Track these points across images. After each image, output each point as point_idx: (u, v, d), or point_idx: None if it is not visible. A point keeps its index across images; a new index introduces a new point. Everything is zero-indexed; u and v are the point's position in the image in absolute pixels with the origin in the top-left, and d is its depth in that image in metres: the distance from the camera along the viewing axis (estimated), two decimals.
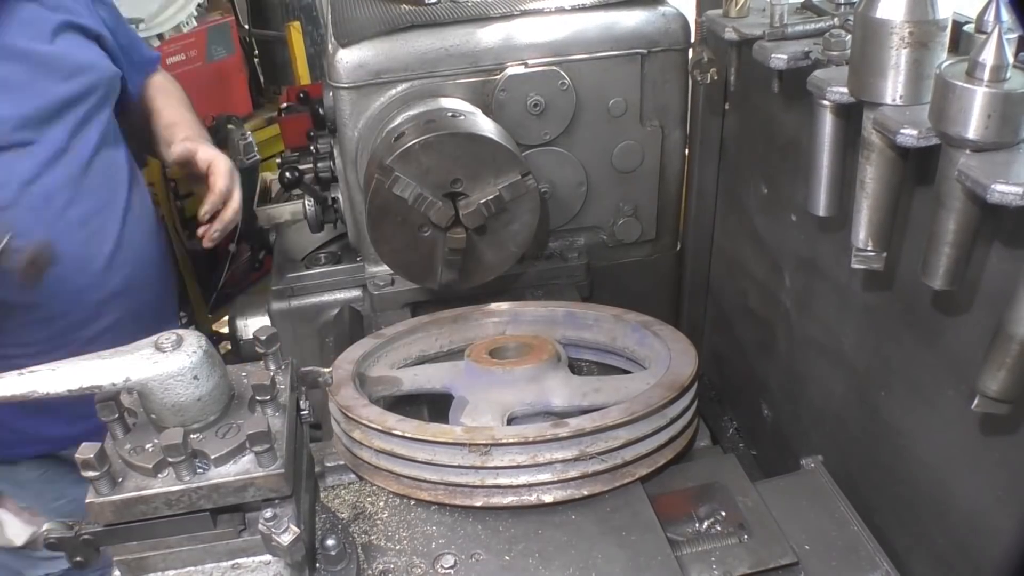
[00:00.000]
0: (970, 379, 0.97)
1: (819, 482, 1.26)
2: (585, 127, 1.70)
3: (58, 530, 1.00)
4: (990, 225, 0.94)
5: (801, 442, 1.58)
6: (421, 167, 1.48)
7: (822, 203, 1.23)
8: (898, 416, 1.27)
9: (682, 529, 1.21)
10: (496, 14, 1.65)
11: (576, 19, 1.64)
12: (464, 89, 1.64)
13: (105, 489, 0.95)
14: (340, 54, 1.60)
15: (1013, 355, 0.89)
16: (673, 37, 1.67)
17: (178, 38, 3.50)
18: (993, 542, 1.07)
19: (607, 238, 1.85)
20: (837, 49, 1.16)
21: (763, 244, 1.66)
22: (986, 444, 1.06)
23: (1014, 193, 0.81)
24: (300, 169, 2.20)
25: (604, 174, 1.76)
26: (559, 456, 1.17)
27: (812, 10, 1.37)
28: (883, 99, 1.00)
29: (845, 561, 1.12)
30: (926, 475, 1.20)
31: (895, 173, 1.06)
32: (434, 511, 1.19)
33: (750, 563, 1.10)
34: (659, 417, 1.24)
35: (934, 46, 0.96)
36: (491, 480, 1.17)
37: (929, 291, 1.03)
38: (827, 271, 1.42)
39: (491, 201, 1.52)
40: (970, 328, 1.07)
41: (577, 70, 1.64)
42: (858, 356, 1.37)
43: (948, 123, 0.87)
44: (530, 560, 1.10)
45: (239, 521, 1.03)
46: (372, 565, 1.11)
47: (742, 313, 1.82)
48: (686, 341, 1.43)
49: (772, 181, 1.60)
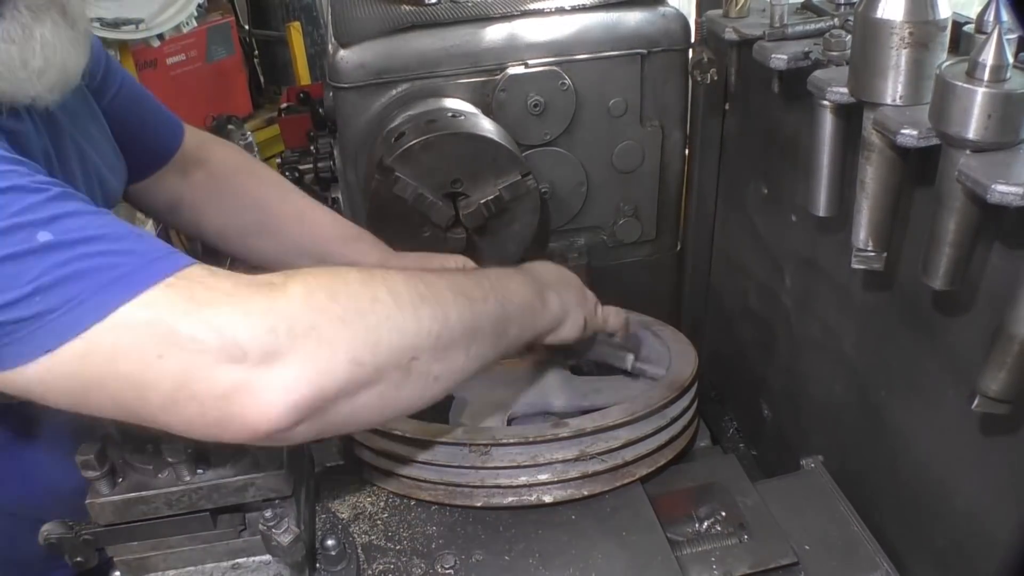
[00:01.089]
0: (970, 379, 0.97)
1: (819, 482, 1.26)
2: (585, 127, 1.70)
3: (58, 530, 1.00)
4: (990, 225, 0.94)
5: (801, 442, 1.58)
6: (421, 167, 1.48)
7: (822, 203, 1.23)
8: (898, 416, 1.27)
9: (682, 529, 1.21)
10: (496, 14, 1.65)
11: (576, 19, 1.64)
12: (464, 89, 1.64)
13: (105, 489, 0.95)
14: (340, 54, 1.60)
15: (1014, 355, 0.89)
16: (673, 37, 1.67)
17: (178, 38, 3.51)
18: (993, 542, 1.07)
19: (607, 238, 1.85)
20: (837, 49, 1.16)
21: (763, 244, 1.66)
22: (986, 444, 1.06)
23: (1014, 193, 0.81)
24: (300, 169, 2.21)
25: (604, 174, 1.76)
26: (559, 456, 1.17)
27: (812, 10, 1.37)
28: (883, 99, 1.00)
29: (845, 561, 1.12)
30: (926, 475, 1.20)
31: (895, 173, 1.06)
32: (434, 511, 1.19)
33: (750, 563, 1.10)
34: (659, 417, 1.24)
35: (934, 46, 0.96)
36: (491, 480, 1.17)
37: (929, 291, 1.03)
38: (827, 271, 1.42)
39: (491, 201, 1.52)
40: (970, 328, 1.07)
41: (577, 70, 1.64)
42: (858, 356, 1.37)
43: (948, 123, 0.87)
44: (530, 560, 1.10)
45: (239, 521, 1.03)
46: (372, 565, 1.11)
47: (742, 313, 1.82)
48: (686, 341, 1.43)
49: (772, 181, 1.60)
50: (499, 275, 1.11)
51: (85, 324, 0.78)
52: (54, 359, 0.79)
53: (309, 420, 0.84)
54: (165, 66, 3.50)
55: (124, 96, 1.36)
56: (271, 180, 1.55)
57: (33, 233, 0.78)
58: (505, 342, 1.07)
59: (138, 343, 0.79)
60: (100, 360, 0.79)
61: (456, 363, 0.97)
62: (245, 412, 0.81)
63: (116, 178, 1.30)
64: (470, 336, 0.98)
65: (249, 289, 0.83)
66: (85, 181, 1.20)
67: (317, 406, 0.84)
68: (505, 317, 1.05)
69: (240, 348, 0.80)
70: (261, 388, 0.81)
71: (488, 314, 1.02)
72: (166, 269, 0.81)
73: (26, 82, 0.92)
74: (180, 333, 0.79)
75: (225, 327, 0.80)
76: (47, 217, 0.80)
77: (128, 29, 3.19)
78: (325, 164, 2.12)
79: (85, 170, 1.20)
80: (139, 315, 0.79)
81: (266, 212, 1.49)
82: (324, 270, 0.89)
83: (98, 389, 0.81)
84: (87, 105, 1.25)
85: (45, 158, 1.08)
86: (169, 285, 0.80)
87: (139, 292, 0.79)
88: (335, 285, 0.87)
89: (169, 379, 0.80)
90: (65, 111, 1.17)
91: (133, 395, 0.81)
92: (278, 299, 0.83)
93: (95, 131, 1.26)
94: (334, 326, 0.84)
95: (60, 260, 0.78)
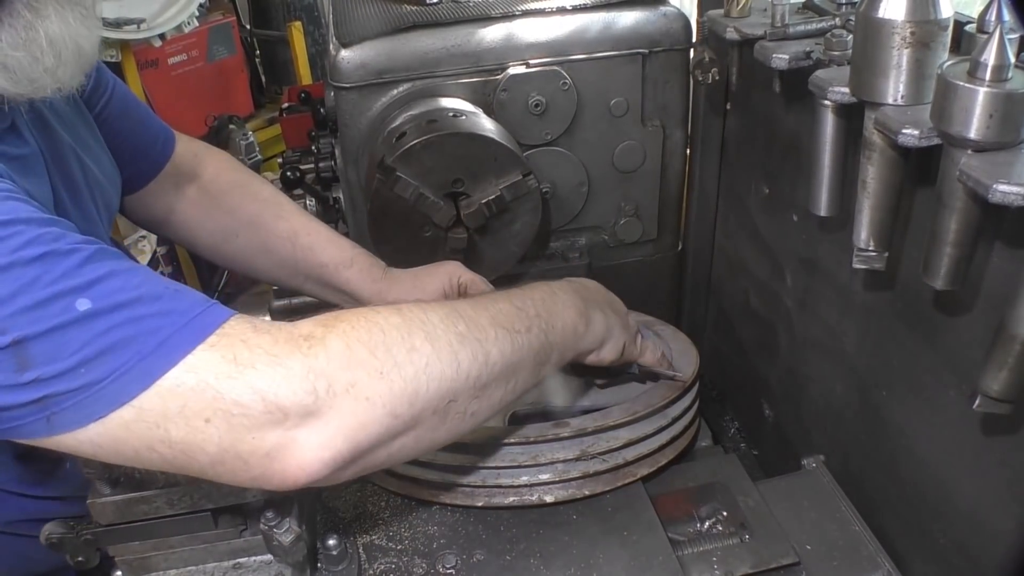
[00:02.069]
0: (971, 379, 0.97)
1: (820, 482, 1.26)
2: (586, 127, 1.70)
3: (59, 530, 1.00)
4: (992, 225, 0.94)
5: (802, 442, 1.58)
6: (422, 167, 1.48)
7: (823, 203, 1.23)
8: (899, 416, 1.27)
9: (683, 529, 1.21)
10: (497, 14, 1.65)
11: (577, 19, 1.64)
12: (465, 89, 1.64)
13: (106, 489, 0.95)
14: (342, 54, 1.60)
15: (1015, 355, 0.89)
16: (674, 37, 1.67)
17: (179, 38, 3.50)
18: (995, 541, 1.07)
19: (608, 238, 1.85)
20: (838, 49, 1.16)
21: (764, 244, 1.66)
22: (987, 444, 1.06)
23: (1016, 193, 0.81)
24: (301, 169, 2.21)
25: (605, 174, 1.76)
26: (560, 456, 1.17)
27: (814, 10, 1.37)
28: (884, 99, 1.00)
29: (846, 561, 1.12)
30: (927, 475, 1.20)
31: (896, 173, 1.06)
32: (435, 511, 1.19)
33: (751, 563, 1.10)
34: (660, 417, 1.24)
35: (936, 46, 0.96)
36: (492, 480, 1.17)
37: (930, 291, 1.03)
38: (828, 271, 1.42)
39: (492, 201, 1.52)
40: (972, 328, 1.06)
41: (578, 70, 1.64)
42: (859, 356, 1.37)
43: (950, 123, 0.87)
44: (531, 560, 1.10)
45: (240, 521, 1.03)
46: (373, 565, 1.11)
47: (743, 313, 1.82)
48: (687, 341, 1.43)
49: (773, 181, 1.60)
50: (544, 296, 1.09)
51: (132, 393, 0.80)
52: (104, 425, 0.80)
53: (346, 469, 0.88)
54: (166, 66, 3.49)
55: (115, 104, 1.35)
56: (265, 197, 1.52)
57: (72, 302, 0.79)
58: (549, 369, 1.06)
59: (185, 409, 0.81)
60: (149, 426, 0.81)
61: (494, 399, 0.97)
62: (286, 468, 0.84)
63: (114, 189, 1.29)
64: (511, 372, 0.98)
65: (288, 346, 0.84)
66: (90, 196, 1.19)
67: (354, 458, 0.87)
68: (548, 345, 1.04)
69: (282, 410, 0.82)
70: (301, 446, 0.84)
71: (531, 346, 1.01)
72: (207, 328, 0.83)
73: (44, 79, 0.91)
74: (225, 398, 0.81)
75: (267, 391, 0.81)
76: (84, 283, 0.80)
77: (130, 29, 3.19)
78: (326, 164, 2.11)
79: (88, 184, 1.19)
80: (185, 380, 0.80)
81: (260, 232, 1.48)
82: (363, 319, 0.90)
83: (148, 451, 0.83)
84: (81, 115, 1.24)
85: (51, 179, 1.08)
86: (212, 346, 0.82)
87: (183, 356, 0.81)
88: (373, 337, 0.88)
89: (215, 442, 0.82)
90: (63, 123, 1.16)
91: (183, 457, 0.83)
92: (318, 357, 0.84)
93: (92, 142, 1.25)
94: (372, 381, 0.86)
95: (102, 329, 0.79)
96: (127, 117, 1.38)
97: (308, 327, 0.87)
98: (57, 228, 0.84)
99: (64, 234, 0.83)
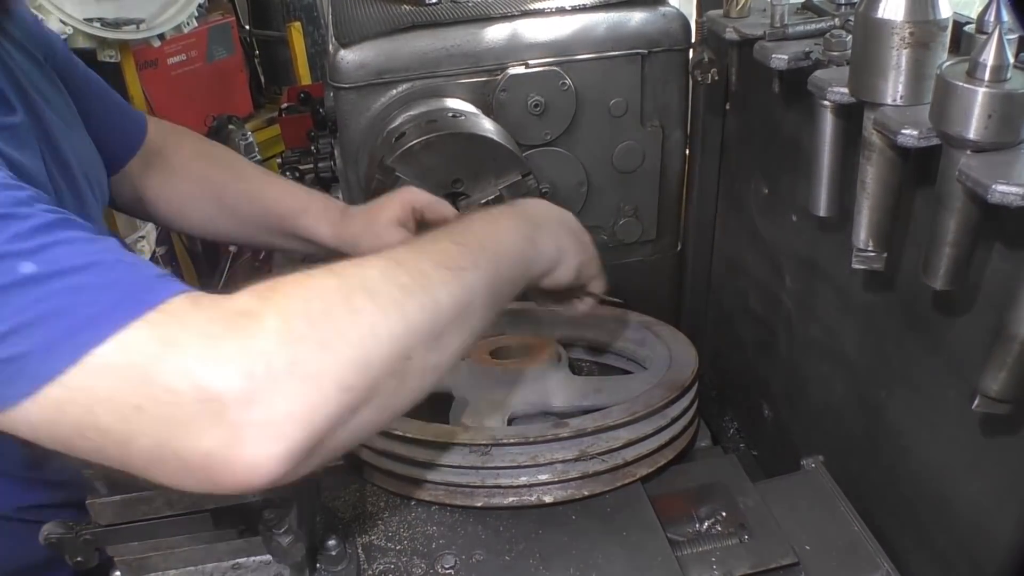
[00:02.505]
0: (971, 379, 0.96)
1: (820, 482, 1.26)
2: (586, 127, 1.70)
3: (58, 530, 1.00)
4: (991, 225, 0.94)
5: (802, 442, 1.58)
6: (422, 167, 1.48)
7: (823, 203, 1.23)
8: (899, 416, 1.27)
9: (683, 529, 1.21)
10: (497, 14, 1.65)
11: (577, 19, 1.64)
12: (465, 89, 1.64)
13: (105, 489, 0.95)
14: (341, 54, 1.60)
15: (1014, 355, 0.89)
16: (674, 37, 1.67)
17: (179, 38, 3.51)
18: (994, 542, 1.07)
19: (608, 238, 1.85)
20: (838, 49, 1.16)
21: (764, 244, 1.66)
22: (987, 444, 1.06)
23: (1015, 193, 0.81)
24: (301, 169, 2.21)
25: (605, 174, 1.76)
26: (560, 456, 1.17)
27: (813, 10, 1.37)
28: (884, 99, 1.00)
29: (846, 561, 1.12)
30: (927, 475, 1.20)
31: (896, 173, 1.06)
32: (434, 511, 1.19)
33: (751, 563, 1.10)
34: (660, 417, 1.24)
35: (935, 46, 0.96)
36: (491, 480, 1.17)
37: (930, 291, 1.03)
38: (828, 271, 1.42)
39: (492, 201, 1.52)
40: (971, 328, 1.07)
41: (578, 70, 1.64)
42: (859, 356, 1.37)
43: (949, 123, 0.87)
44: (531, 560, 1.10)
45: (239, 521, 1.03)
46: (372, 565, 1.11)
47: (743, 313, 1.82)
48: (687, 341, 1.43)
49: (773, 181, 1.60)
50: (485, 225, 1.00)
51: (59, 368, 0.70)
52: (36, 403, 0.71)
53: (306, 460, 0.75)
54: (166, 66, 3.50)
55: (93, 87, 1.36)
56: (226, 161, 1.54)
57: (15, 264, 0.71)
58: (501, 303, 0.97)
59: (114, 391, 0.71)
60: (79, 409, 0.71)
61: (453, 346, 0.88)
62: (234, 468, 0.72)
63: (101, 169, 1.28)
64: (464, 313, 0.88)
65: (223, 325, 0.74)
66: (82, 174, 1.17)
67: (312, 445, 0.75)
68: (498, 277, 0.95)
69: (217, 399, 0.70)
70: (246, 441, 0.72)
71: (480, 282, 0.91)
72: (147, 302, 0.72)
73: None
74: (155, 382, 0.70)
75: (198, 375, 0.70)
76: (34, 247, 0.72)
77: (129, 29, 3.19)
78: (326, 164, 2.11)
79: (78, 161, 1.17)
80: (114, 359, 0.70)
81: (222, 195, 1.49)
82: (299, 284, 0.80)
83: (80, 439, 0.73)
84: (61, 94, 1.23)
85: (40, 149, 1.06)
86: (148, 322, 0.71)
87: (114, 331, 0.70)
88: (310, 305, 0.77)
89: (149, 434, 0.72)
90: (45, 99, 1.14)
91: (116, 449, 0.74)
92: (254, 335, 0.73)
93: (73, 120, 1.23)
94: (315, 355, 0.75)
95: (41, 295, 0.71)
96: (101, 101, 1.39)
97: (245, 300, 0.77)
98: (25, 193, 0.77)
99: (29, 200, 0.76)
